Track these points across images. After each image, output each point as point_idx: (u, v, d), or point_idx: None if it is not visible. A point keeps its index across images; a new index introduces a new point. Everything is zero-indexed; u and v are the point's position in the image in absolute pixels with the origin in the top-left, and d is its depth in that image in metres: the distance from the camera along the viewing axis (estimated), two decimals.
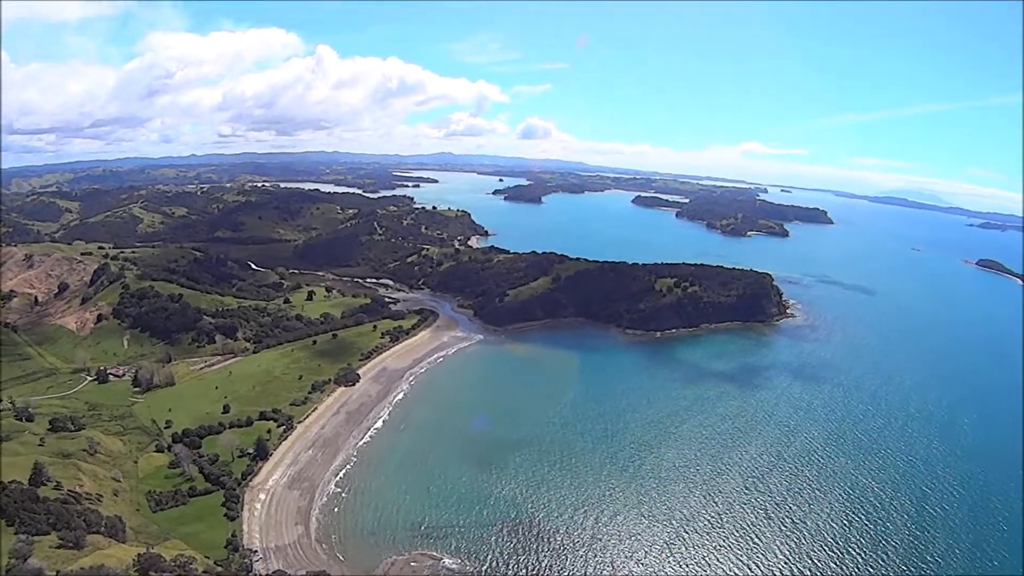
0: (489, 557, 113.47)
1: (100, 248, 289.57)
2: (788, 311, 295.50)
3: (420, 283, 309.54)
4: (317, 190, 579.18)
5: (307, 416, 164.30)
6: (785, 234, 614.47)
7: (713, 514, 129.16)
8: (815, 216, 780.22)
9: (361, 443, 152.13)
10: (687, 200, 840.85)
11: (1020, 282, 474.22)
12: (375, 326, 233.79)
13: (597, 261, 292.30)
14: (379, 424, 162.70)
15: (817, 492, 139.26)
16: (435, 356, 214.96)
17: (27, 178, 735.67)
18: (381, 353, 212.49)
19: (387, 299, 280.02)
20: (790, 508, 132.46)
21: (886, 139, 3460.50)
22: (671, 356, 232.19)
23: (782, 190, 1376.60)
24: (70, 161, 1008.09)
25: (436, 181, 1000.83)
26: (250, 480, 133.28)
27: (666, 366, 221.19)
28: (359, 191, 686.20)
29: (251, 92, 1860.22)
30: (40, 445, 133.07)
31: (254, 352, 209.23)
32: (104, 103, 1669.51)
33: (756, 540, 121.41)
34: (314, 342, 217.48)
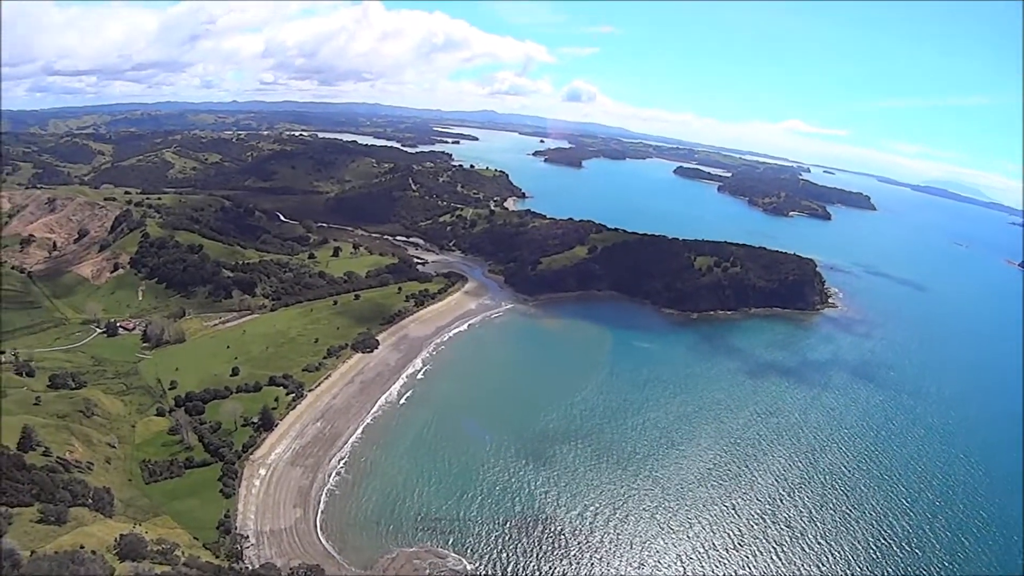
0: (494, 558, 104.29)
1: (126, 193, 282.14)
2: (830, 300, 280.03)
3: (451, 244, 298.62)
4: (355, 142, 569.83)
5: (319, 384, 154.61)
6: (828, 217, 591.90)
7: (735, 530, 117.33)
8: (858, 201, 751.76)
9: (373, 418, 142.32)
10: (729, 174, 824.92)
11: None
12: (400, 288, 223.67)
13: (636, 233, 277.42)
14: (394, 397, 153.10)
15: (846, 517, 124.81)
16: (460, 324, 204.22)
17: (65, 119, 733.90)
18: (404, 318, 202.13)
19: (416, 259, 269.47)
20: (816, 533, 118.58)
21: (925, 127, 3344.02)
22: (707, 341, 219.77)
23: (825, 171, 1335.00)
24: (110, 103, 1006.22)
25: (476, 139, 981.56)
26: (251, 453, 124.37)
27: (701, 352, 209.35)
28: (397, 145, 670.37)
29: (294, 41, 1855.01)
30: (35, 404, 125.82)
31: (271, 310, 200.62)
32: (145, 46, 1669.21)
33: (780, 563, 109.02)
34: (335, 302, 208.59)
